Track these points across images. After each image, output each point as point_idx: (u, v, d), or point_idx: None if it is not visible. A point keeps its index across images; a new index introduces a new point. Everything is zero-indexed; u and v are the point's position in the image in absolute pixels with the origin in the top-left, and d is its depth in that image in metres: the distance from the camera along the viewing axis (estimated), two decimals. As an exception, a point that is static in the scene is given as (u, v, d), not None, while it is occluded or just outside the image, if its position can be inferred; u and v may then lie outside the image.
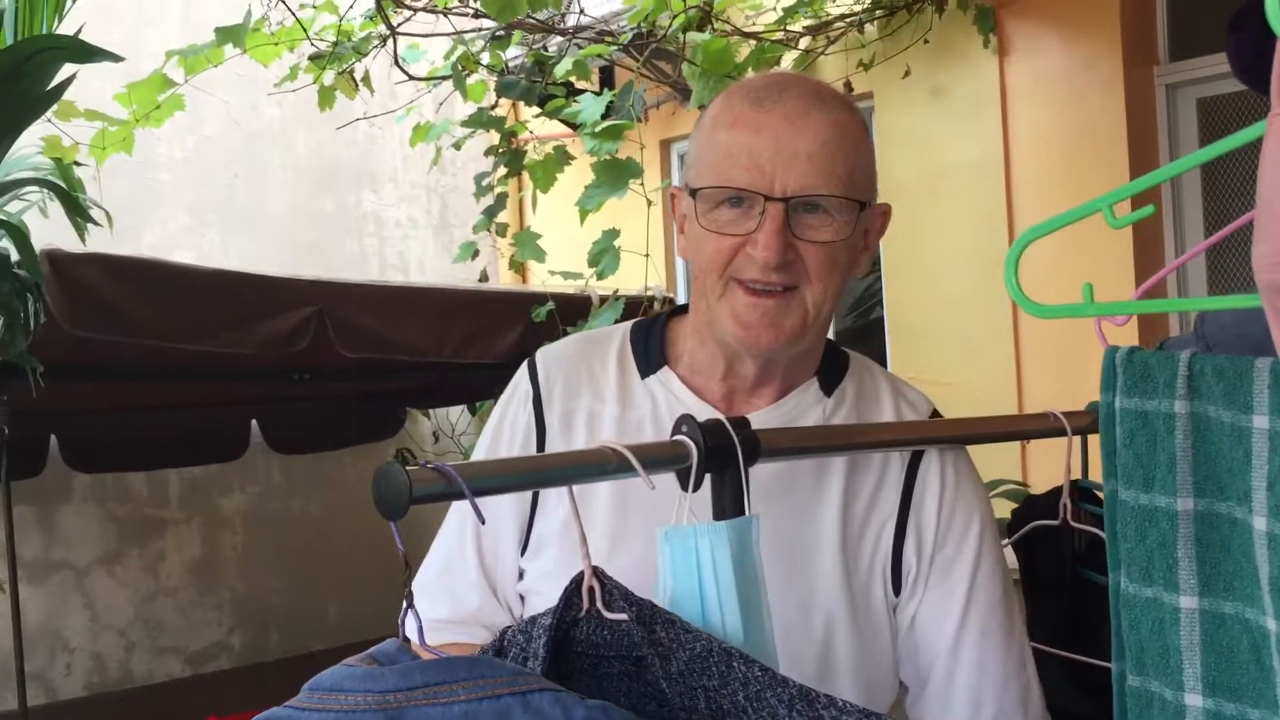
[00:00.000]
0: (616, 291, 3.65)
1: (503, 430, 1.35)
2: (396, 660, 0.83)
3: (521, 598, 1.34)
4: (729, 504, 1.03)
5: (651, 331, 1.36)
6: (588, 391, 1.33)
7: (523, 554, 1.33)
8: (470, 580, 1.33)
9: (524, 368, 1.37)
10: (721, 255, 1.22)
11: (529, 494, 1.30)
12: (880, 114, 4.39)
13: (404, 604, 0.86)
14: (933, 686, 1.28)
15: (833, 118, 1.22)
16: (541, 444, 1.32)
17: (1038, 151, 3.98)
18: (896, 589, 1.27)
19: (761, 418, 1.27)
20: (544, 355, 1.37)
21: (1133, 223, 0.99)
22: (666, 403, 1.30)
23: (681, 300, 4.95)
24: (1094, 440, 1.42)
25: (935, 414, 1.35)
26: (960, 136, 4.13)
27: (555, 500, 1.29)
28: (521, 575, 1.33)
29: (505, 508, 1.31)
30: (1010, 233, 3.99)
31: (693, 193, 1.24)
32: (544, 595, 1.26)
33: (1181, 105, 3.89)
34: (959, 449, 1.32)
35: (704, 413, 1.20)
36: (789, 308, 1.22)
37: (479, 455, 1.38)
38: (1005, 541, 1.44)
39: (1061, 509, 1.40)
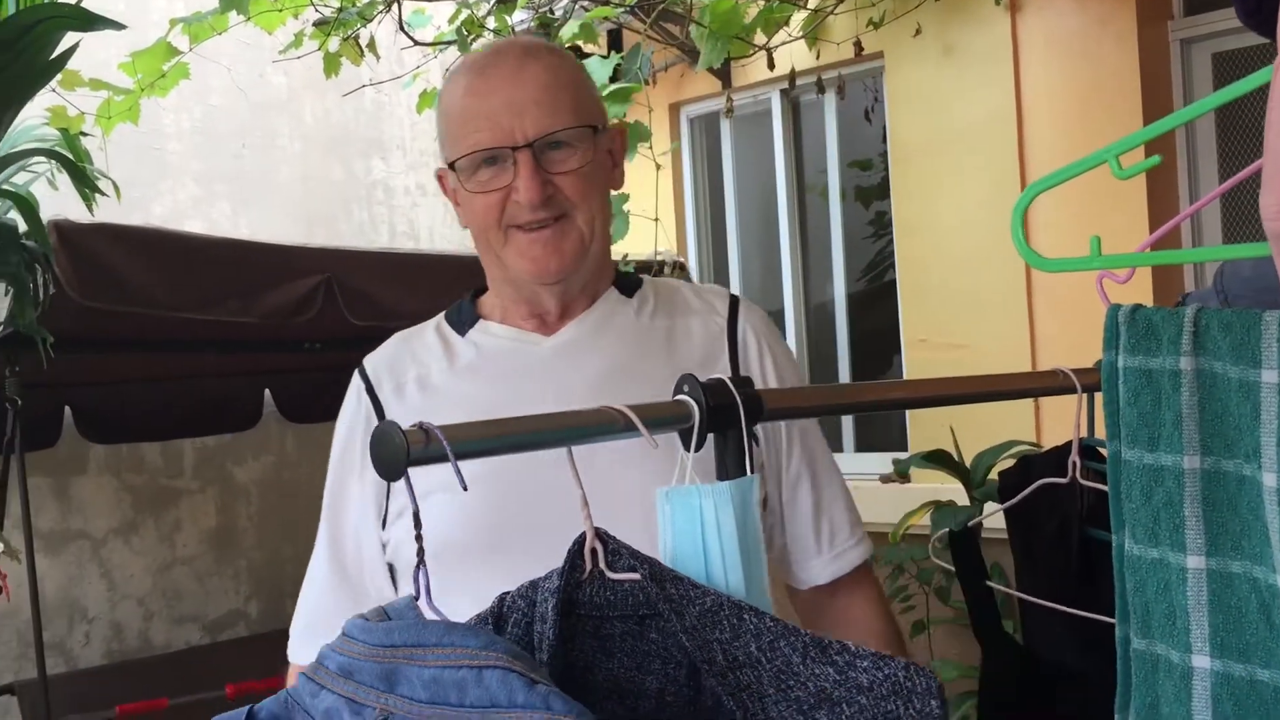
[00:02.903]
0: (626, 256, 3.64)
1: (352, 431, 1.49)
2: (404, 617, 0.87)
3: (391, 567, 1.46)
4: (731, 463, 1.02)
5: (462, 305, 1.53)
6: (412, 366, 1.48)
7: (384, 527, 1.45)
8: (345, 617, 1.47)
9: (355, 374, 1.52)
10: (493, 210, 1.38)
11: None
12: (890, 73, 4.35)
13: (417, 561, 0.87)
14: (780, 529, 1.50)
15: (545, 63, 1.39)
16: (381, 419, 1.44)
17: (1051, 109, 3.94)
18: None
19: (574, 328, 1.45)
20: (368, 358, 1.53)
21: (1139, 173, 0.97)
22: (490, 344, 1.46)
23: (693, 264, 4.93)
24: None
25: (734, 301, 1.53)
26: (972, 95, 4.09)
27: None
28: (384, 547, 1.45)
29: (361, 507, 1.46)
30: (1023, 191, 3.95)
31: (451, 166, 1.40)
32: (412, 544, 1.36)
33: (1196, 60, 3.85)
34: (766, 321, 1.53)
35: (523, 338, 1.45)
36: (565, 233, 1.39)
37: (332, 466, 1.51)
38: (1010, 502, 1.43)
39: (1071, 466, 1.39)
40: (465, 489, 0.81)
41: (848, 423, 4.68)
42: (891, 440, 4.52)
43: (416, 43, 3.81)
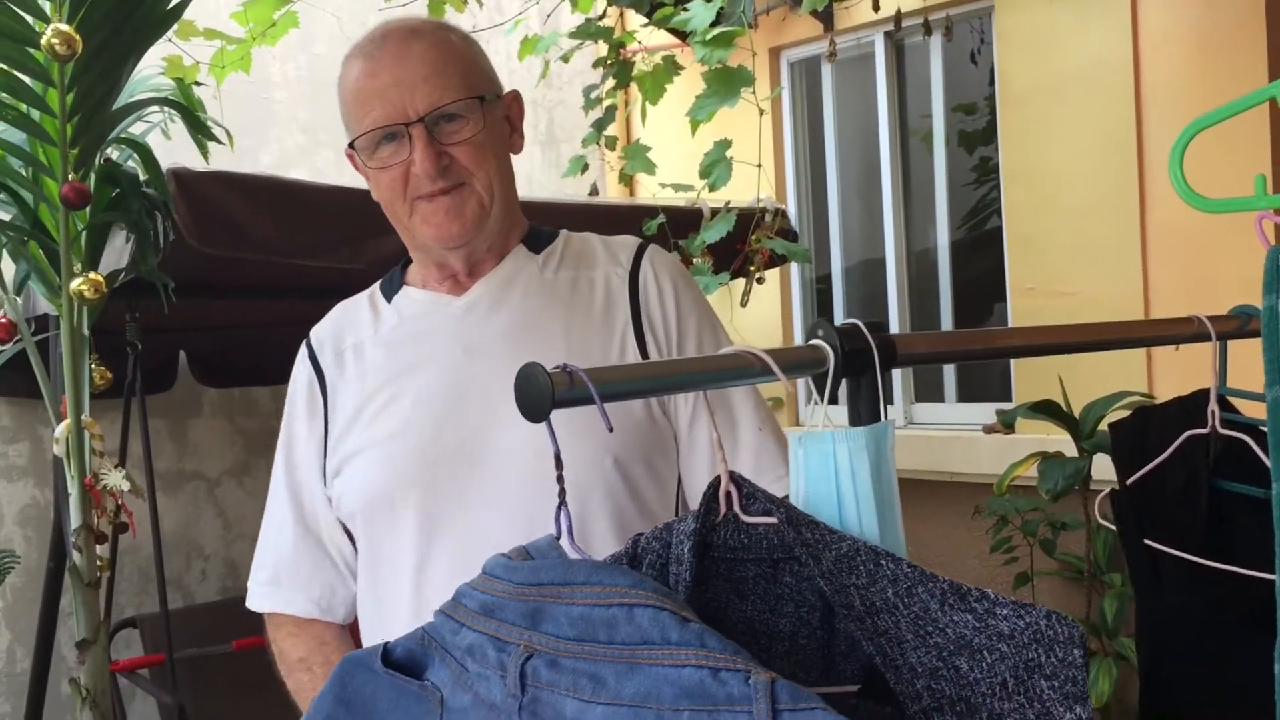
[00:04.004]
0: (729, 204, 3.61)
1: (295, 395, 1.62)
2: (546, 555, 0.88)
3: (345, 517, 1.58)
4: (865, 409, 1.01)
5: (394, 274, 1.66)
6: (350, 334, 1.61)
7: (325, 484, 1.58)
8: (310, 568, 1.63)
9: (303, 343, 1.65)
10: (397, 184, 1.48)
11: (321, 430, 1.58)
12: (1001, 16, 4.23)
13: (559, 502, 0.89)
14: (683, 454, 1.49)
15: (431, 41, 1.48)
16: (323, 388, 1.59)
17: (1170, 52, 3.80)
18: None
19: (481, 286, 1.55)
20: (314, 328, 1.66)
21: (1305, 110, 0.93)
22: (409, 308, 1.59)
23: (792, 212, 4.88)
24: (1234, 346, 1.37)
25: (640, 249, 1.59)
26: (1086, 37, 3.96)
27: (345, 402, 1.56)
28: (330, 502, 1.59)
29: (308, 466, 1.60)
30: (1139, 137, 3.83)
31: (352, 146, 1.51)
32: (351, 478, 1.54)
33: (1327, -3, 3.67)
34: (673, 264, 1.58)
35: (437, 300, 1.56)
36: (464, 200, 1.48)
37: (284, 427, 1.65)
38: (1159, 459, 1.40)
39: (1210, 416, 1.36)
40: (611, 430, 0.82)
41: (949, 373, 4.62)
42: (993, 391, 4.45)
43: (519, -11, 3.80)
